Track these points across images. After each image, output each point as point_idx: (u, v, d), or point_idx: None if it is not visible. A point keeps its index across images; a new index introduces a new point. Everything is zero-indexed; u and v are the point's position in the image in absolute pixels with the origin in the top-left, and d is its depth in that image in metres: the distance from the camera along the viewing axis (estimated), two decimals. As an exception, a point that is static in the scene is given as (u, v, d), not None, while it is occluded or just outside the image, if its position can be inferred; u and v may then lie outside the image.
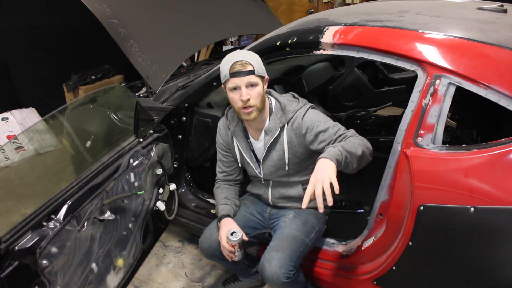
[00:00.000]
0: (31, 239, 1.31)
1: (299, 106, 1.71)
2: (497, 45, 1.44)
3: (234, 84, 1.61)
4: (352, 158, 1.46)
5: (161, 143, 2.04)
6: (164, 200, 2.08)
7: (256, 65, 1.62)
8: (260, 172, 1.83)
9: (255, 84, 1.62)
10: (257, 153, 1.82)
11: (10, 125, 3.80)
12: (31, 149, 3.32)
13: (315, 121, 1.66)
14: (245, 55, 1.63)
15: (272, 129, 1.73)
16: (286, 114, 1.71)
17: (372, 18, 1.73)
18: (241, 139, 1.82)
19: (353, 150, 1.47)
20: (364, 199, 2.37)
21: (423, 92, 1.49)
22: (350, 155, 1.46)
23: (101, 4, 2.19)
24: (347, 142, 1.53)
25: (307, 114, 1.68)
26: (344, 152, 1.44)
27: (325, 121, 1.66)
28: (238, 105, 1.64)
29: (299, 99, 1.76)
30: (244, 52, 1.70)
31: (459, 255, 1.42)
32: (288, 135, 1.71)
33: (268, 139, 1.74)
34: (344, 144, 1.50)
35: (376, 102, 3.32)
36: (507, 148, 1.31)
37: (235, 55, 1.63)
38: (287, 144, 1.72)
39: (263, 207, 1.95)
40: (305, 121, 1.67)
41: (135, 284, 2.26)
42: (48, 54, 4.28)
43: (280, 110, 1.72)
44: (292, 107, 1.71)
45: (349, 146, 1.48)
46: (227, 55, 1.67)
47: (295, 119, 1.70)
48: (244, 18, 3.25)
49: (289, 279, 1.62)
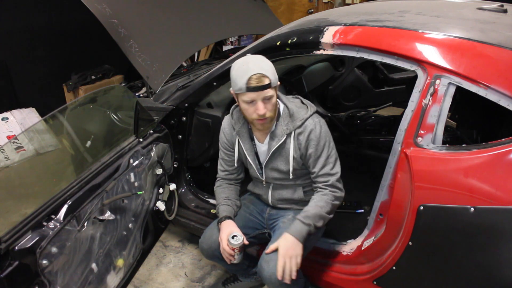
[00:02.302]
0: (31, 239, 1.31)
1: (308, 114, 1.68)
2: (497, 45, 1.44)
3: (251, 99, 1.56)
4: (317, 226, 1.63)
5: (161, 143, 2.04)
6: (164, 200, 2.08)
7: (272, 77, 1.56)
8: (262, 174, 1.83)
9: (271, 97, 1.58)
10: (261, 156, 1.81)
11: (10, 125, 3.80)
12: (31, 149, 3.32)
13: (317, 144, 1.66)
14: (261, 67, 1.55)
15: (278, 135, 1.70)
16: (294, 121, 1.68)
17: (372, 18, 1.73)
18: (245, 140, 1.80)
19: (321, 219, 1.64)
20: (364, 199, 2.37)
21: (423, 92, 1.49)
22: (316, 226, 1.63)
23: (101, 4, 2.19)
24: (319, 207, 1.64)
25: (314, 131, 1.66)
26: (312, 228, 1.62)
27: (326, 147, 1.66)
28: (253, 116, 1.61)
29: (307, 106, 1.72)
30: (259, 61, 1.59)
31: (459, 255, 1.42)
32: (294, 144, 1.69)
33: (273, 144, 1.72)
34: (317, 211, 1.63)
35: (376, 102, 3.32)
36: (507, 148, 1.31)
37: (251, 67, 1.54)
38: (293, 153, 1.70)
39: (263, 208, 1.95)
40: (311, 140, 1.66)
41: (135, 284, 2.26)
42: (48, 54, 4.28)
43: (288, 116, 1.69)
44: (301, 115, 1.68)
45: (319, 214, 1.63)
46: (240, 63, 1.58)
47: (302, 131, 1.67)
48: (244, 18, 3.25)
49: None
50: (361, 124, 3.12)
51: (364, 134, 3.03)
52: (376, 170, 1.85)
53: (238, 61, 1.62)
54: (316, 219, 1.63)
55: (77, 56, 4.42)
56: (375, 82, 3.32)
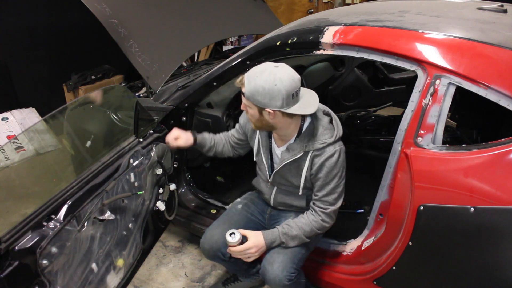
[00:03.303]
0: (31, 239, 1.30)
1: (331, 140, 1.60)
2: (497, 45, 1.44)
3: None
4: (291, 245, 1.68)
5: (161, 143, 2.04)
6: (164, 200, 2.08)
7: (250, 91, 1.52)
8: (270, 176, 1.81)
9: (248, 106, 1.59)
10: (274, 158, 1.79)
11: (10, 125, 3.80)
12: (31, 149, 3.32)
13: (330, 172, 1.61)
14: (254, 77, 1.50)
15: (295, 149, 1.65)
16: (314, 142, 1.61)
17: (372, 18, 1.73)
18: (264, 136, 1.79)
19: (298, 241, 1.68)
20: (364, 199, 2.37)
21: (423, 92, 1.49)
22: (290, 244, 1.68)
23: (101, 4, 2.19)
24: (303, 230, 1.66)
25: (331, 159, 1.60)
26: (285, 245, 1.68)
27: (337, 177, 1.62)
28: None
29: (334, 129, 1.64)
30: (264, 75, 1.49)
31: (459, 255, 1.42)
32: (309, 163, 1.65)
33: (287, 156, 1.67)
34: (298, 233, 1.67)
35: (376, 102, 3.32)
36: (507, 148, 1.31)
37: (252, 70, 1.53)
38: (306, 171, 1.67)
39: (263, 208, 1.95)
40: (325, 166, 1.61)
41: (135, 284, 2.26)
42: (48, 54, 4.28)
43: (310, 135, 1.63)
44: (324, 138, 1.61)
45: (299, 237, 1.67)
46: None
47: (320, 154, 1.61)
48: (244, 18, 3.25)
49: (290, 281, 1.62)
50: (361, 124, 3.11)
51: (364, 134, 3.03)
52: (376, 170, 1.84)
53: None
54: (294, 240, 1.67)
55: (77, 56, 4.41)
56: (375, 82, 3.32)
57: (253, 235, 1.65)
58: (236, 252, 1.63)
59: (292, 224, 1.68)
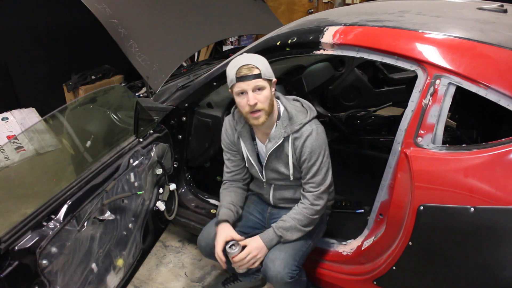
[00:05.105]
0: (31, 239, 1.30)
1: (307, 119, 1.67)
2: (497, 45, 1.44)
3: (241, 89, 1.58)
4: (290, 237, 1.69)
5: (161, 143, 2.04)
6: (164, 200, 2.08)
7: (262, 68, 1.58)
8: (263, 175, 1.83)
9: (262, 87, 1.58)
10: (262, 157, 1.81)
11: (10, 125, 3.80)
12: (31, 149, 3.33)
13: (311, 152, 1.65)
14: (251, 59, 1.60)
15: (275, 137, 1.69)
16: (292, 125, 1.68)
17: (372, 18, 1.73)
18: (247, 140, 1.80)
19: (298, 232, 1.69)
20: (364, 199, 2.37)
21: (423, 92, 1.49)
22: (289, 236, 1.68)
23: (101, 4, 2.19)
24: (296, 219, 1.68)
25: (310, 137, 1.65)
26: (284, 239, 1.69)
27: (320, 155, 1.66)
28: (246, 109, 1.61)
29: (307, 110, 1.71)
30: (250, 55, 1.65)
31: (459, 255, 1.42)
32: (292, 148, 1.69)
33: (270, 146, 1.71)
34: (292, 224, 1.68)
35: (376, 102, 3.32)
36: (507, 148, 1.31)
37: (241, 59, 1.60)
38: (291, 155, 1.70)
39: (263, 207, 1.95)
40: (306, 147, 1.65)
41: (135, 284, 2.26)
42: (48, 54, 4.28)
43: (287, 119, 1.69)
44: (299, 119, 1.68)
45: (294, 227, 1.68)
46: (233, 59, 1.64)
47: (299, 136, 1.67)
48: (244, 18, 3.25)
49: (292, 279, 1.62)
50: (361, 124, 3.11)
51: (364, 134, 3.03)
52: (376, 170, 1.84)
53: (232, 58, 1.66)
54: (291, 231, 1.68)
55: (77, 56, 4.41)
56: (375, 82, 3.32)
57: (251, 240, 1.68)
58: (241, 260, 1.65)
59: (284, 217, 1.71)
